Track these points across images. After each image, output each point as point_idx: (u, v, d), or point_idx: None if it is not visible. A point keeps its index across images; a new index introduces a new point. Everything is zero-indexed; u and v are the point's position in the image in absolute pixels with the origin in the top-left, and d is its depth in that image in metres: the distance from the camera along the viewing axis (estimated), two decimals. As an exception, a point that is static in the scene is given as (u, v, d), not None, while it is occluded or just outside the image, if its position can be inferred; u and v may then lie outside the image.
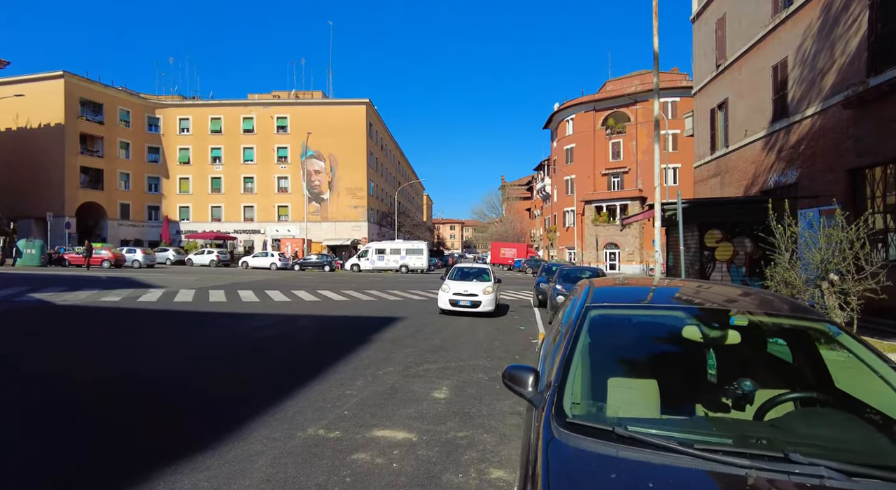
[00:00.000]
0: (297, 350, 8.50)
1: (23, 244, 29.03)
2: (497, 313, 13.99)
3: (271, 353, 8.17)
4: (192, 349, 8.26)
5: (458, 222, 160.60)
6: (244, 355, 7.88)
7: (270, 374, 6.71)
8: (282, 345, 8.90)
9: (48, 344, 8.41)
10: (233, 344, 8.81)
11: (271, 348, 8.53)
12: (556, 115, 57.50)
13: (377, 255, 39.47)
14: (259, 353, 8.05)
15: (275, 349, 8.47)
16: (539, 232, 73.57)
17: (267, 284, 22.13)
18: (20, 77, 46.04)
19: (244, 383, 6.22)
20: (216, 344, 8.77)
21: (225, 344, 8.78)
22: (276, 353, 8.14)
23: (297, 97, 55.87)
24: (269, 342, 9.06)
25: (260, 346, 8.70)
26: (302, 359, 7.76)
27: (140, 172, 52.47)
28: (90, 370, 6.69)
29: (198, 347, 8.41)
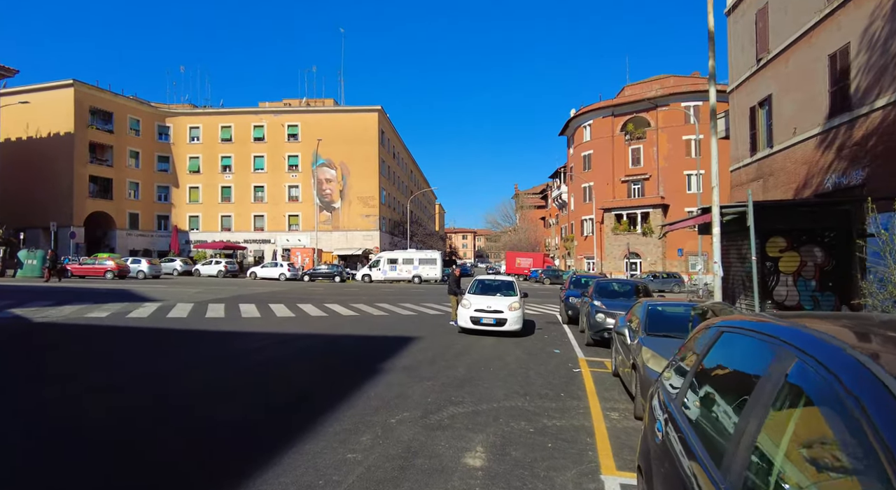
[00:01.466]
0: (290, 384, 6.99)
1: (24, 255, 28.07)
2: (524, 332, 12.38)
3: (257, 388, 6.67)
4: (156, 384, 6.79)
5: (470, 231, 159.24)
6: (220, 394, 6.39)
7: (247, 425, 5.18)
8: (272, 376, 7.40)
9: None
10: (212, 376, 7.33)
11: (258, 382, 7.03)
12: (573, 121, 55.96)
13: (389, 266, 38.04)
14: (241, 390, 6.56)
15: (262, 383, 6.98)
16: (555, 241, 71.72)
17: (272, 297, 20.75)
18: (30, 86, 45.74)
19: (204, 445, 4.69)
20: (192, 375, 7.30)
21: (202, 375, 7.30)
22: (263, 389, 6.64)
23: (309, 105, 55.03)
24: (257, 372, 7.57)
25: (244, 378, 7.21)
26: (293, 398, 6.24)
27: (149, 181, 51.80)
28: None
29: (166, 377, 6.95)
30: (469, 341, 11.09)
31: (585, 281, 17.09)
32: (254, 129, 53.29)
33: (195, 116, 53.94)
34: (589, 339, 11.12)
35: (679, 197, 46.59)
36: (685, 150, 46.90)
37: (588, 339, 11.17)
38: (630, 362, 6.23)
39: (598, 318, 10.78)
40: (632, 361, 6.15)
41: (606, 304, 11.06)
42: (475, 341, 11.13)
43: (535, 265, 52.47)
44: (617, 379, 7.89)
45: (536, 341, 11.56)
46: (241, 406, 5.81)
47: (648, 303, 7.07)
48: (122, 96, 49.24)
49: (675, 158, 47.22)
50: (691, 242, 44.65)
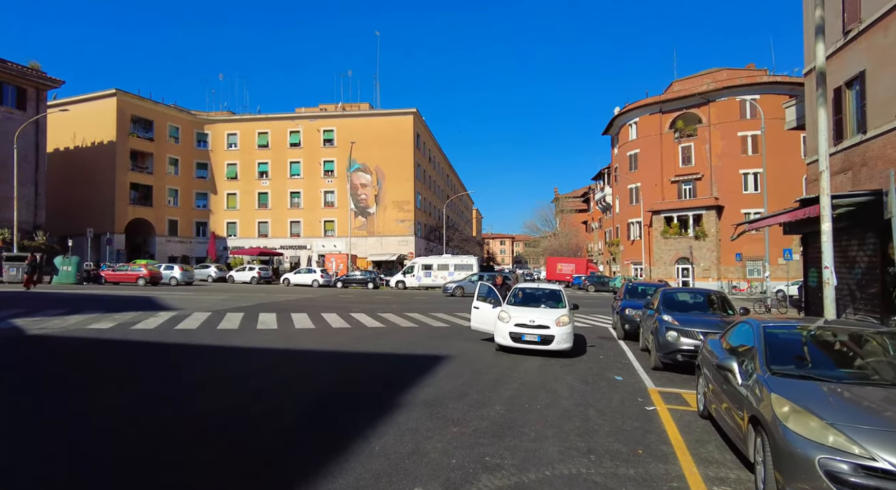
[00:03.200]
0: (275, 429, 5.35)
1: (59, 261, 28.02)
2: (575, 352, 10.41)
3: (228, 436, 5.05)
4: (76, 428, 5.27)
5: (508, 237, 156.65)
6: (174, 446, 4.80)
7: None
8: (258, 415, 5.79)
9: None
10: (180, 415, 5.78)
11: (236, 424, 5.43)
12: (618, 120, 53.17)
13: (424, 272, 36.48)
14: (202, 441, 4.95)
15: (240, 426, 5.37)
16: (598, 246, 68.65)
17: (298, 305, 19.45)
18: (76, 97, 46.94)
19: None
20: (157, 411, 5.77)
21: (170, 411, 5.77)
22: (233, 438, 5.01)
23: (344, 109, 54.45)
24: (239, 408, 5.98)
25: (218, 418, 5.61)
26: (266, 457, 4.58)
27: (188, 188, 52.28)
28: None
29: (112, 420, 5.44)
30: (508, 363, 9.24)
31: (643, 289, 14.92)
32: (290, 135, 53.08)
33: (233, 123, 54.24)
34: (657, 363, 9.08)
35: (734, 197, 43.17)
36: (741, 148, 43.46)
37: (655, 361, 9.12)
38: (745, 414, 4.27)
39: (669, 337, 8.73)
40: (748, 414, 4.19)
41: (679, 320, 9.00)
42: (516, 363, 9.27)
43: (577, 271, 49.82)
44: (708, 422, 5.90)
45: (591, 363, 9.59)
46: (187, 478, 4.19)
47: (765, 325, 5.02)
48: (163, 104, 49.93)
49: (730, 156, 43.82)
50: (750, 246, 41.16)
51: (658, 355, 8.97)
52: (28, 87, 38.22)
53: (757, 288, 40.90)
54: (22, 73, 37.74)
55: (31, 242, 33.33)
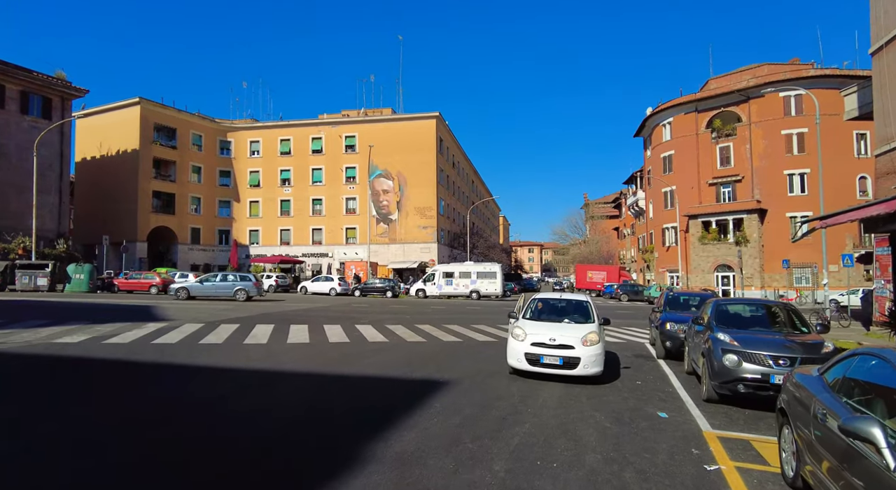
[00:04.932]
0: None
1: (72, 269, 27.54)
2: (606, 375, 8.57)
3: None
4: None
5: (536, 245, 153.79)
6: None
7: None
8: (148, 476, 4.23)
9: None
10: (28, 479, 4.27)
11: None
12: (650, 120, 50.67)
13: (445, 280, 34.83)
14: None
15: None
16: (631, 253, 65.79)
17: (303, 316, 18.07)
18: (101, 107, 47.38)
19: None
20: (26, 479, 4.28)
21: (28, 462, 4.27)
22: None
23: (366, 115, 53.59)
24: (121, 468, 4.43)
25: (83, 478, 4.08)
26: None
27: (211, 196, 52.14)
28: None
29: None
30: (522, 392, 7.48)
31: (685, 300, 12.92)
32: (312, 142, 52.50)
33: (255, 130, 54.03)
34: (710, 393, 7.18)
35: (778, 200, 40.17)
36: (785, 147, 40.46)
37: (708, 391, 7.22)
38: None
39: (727, 361, 6.83)
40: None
41: (739, 340, 7.09)
42: (532, 392, 7.51)
43: (609, 279, 47.33)
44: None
45: (626, 392, 7.75)
46: None
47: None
48: (186, 112, 49.99)
49: (773, 156, 40.85)
50: (798, 252, 38.14)
51: (712, 384, 7.07)
52: (53, 96, 38.50)
53: (807, 297, 37.77)
54: (48, 83, 38.04)
55: (52, 250, 33.20)
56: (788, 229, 39.67)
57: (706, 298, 11.65)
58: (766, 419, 6.45)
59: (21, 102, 36.65)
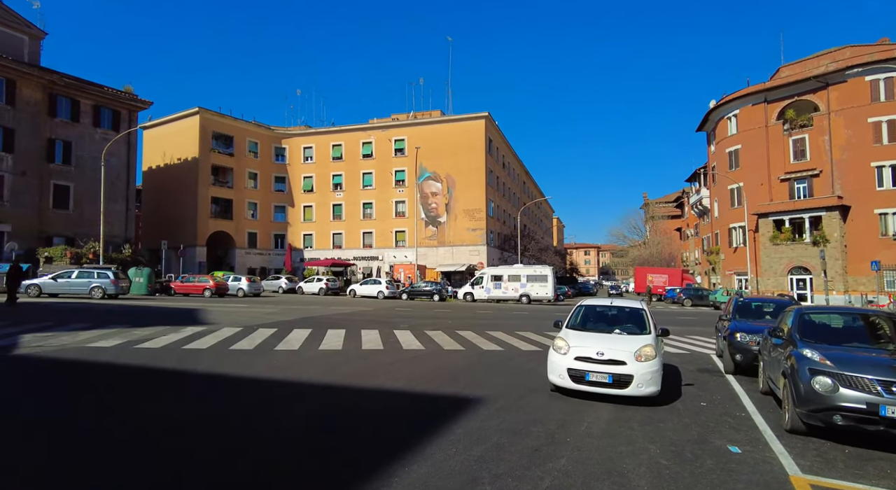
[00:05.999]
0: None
1: (133, 272, 28.66)
2: (664, 396, 7.37)
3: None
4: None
5: (593, 247, 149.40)
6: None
7: None
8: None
9: None
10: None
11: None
12: (713, 114, 47.53)
13: (493, 283, 33.79)
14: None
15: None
16: (694, 255, 62.14)
17: (343, 320, 17.66)
18: (164, 118, 49.81)
19: None
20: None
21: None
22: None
23: (415, 118, 53.45)
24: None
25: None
26: None
27: (267, 201, 53.60)
28: None
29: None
30: (563, 415, 6.46)
31: (758, 306, 11.37)
32: (362, 146, 52.93)
33: (308, 137, 55.13)
34: (795, 422, 5.89)
35: (865, 195, 36.38)
36: (873, 136, 36.59)
37: (793, 420, 5.92)
38: None
39: (817, 385, 5.54)
40: None
41: (833, 358, 5.77)
42: (574, 415, 6.47)
43: (671, 283, 44.61)
44: None
45: (687, 417, 6.55)
46: None
47: None
48: (242, 120, 51.67)
49: (858, 147, 37.06)
50: (888, 253, 34.39)
51: (798, 412, 5.78)
52: (122, 109, 40.66)
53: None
54: (117, 97, 40.22)
55: (119, 255, 34.92)
56: (877, 227, 35.83)
57: (784, 305, 10.12)
58: (876, 462, 5.13)
59: (94, 116, 38.92)
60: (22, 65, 34.90)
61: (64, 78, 36.95)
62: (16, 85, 34.41)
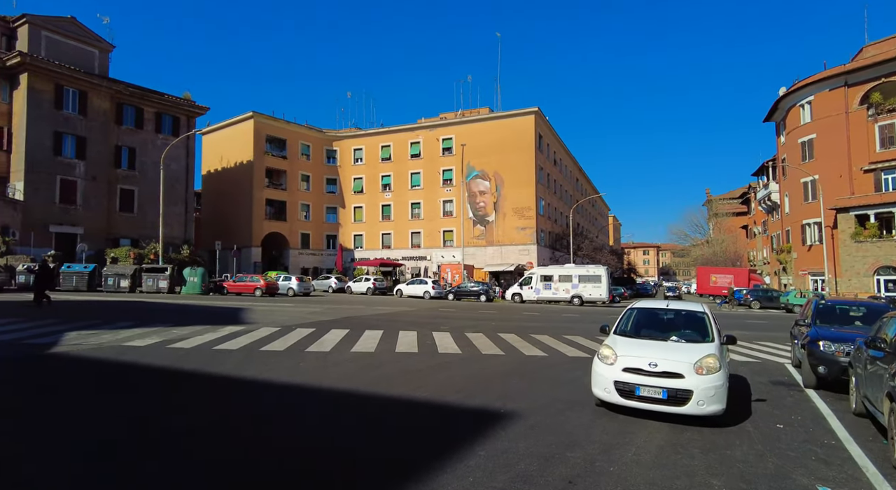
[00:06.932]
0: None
1: (188, 272, 29.63)
2: (730, 415, 6.26)
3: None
4: None
5: (652, 246, 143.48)
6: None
7: None
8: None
9: None
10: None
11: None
12: (784, 102, 43.98)
13: (543, 283, 32.54)
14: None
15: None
16: (762, 254, 58.02)
17: (384, 321, 17.21)
18: (221, 123, 51.68)
19: None
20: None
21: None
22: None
23: (463, 116, 52.79)
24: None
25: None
26: None
27: (319, 203, 54.55)
28: None
29: None
30: (607, 437, 5.53)
31: (843, 310, 9.86)
32: (410, 146, 52.89)
33: (358, 138, 55.70)
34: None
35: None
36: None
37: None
38: None
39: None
40: None
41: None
42: (621, 437, 5.53)
43: (737, 283, 41.60)
44: None
45: (761, 444, 5.46)
46: None
47: None
48: (294, 123, 52.85)
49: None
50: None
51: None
52: (181, 115, 42.46)
53: None
54: (176, 104, 42.02)
55: (178, 255, 36.33)
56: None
57: (880, 310, 8.64)
58: None
59: (156, 122, 40.84)
60: (93, 77, 37.02)
61: (129, 87, 38.92)
62: (87, 96, 36.53)
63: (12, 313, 15.02)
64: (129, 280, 28.12)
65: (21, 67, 33.50)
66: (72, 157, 35.29)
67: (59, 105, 34.95)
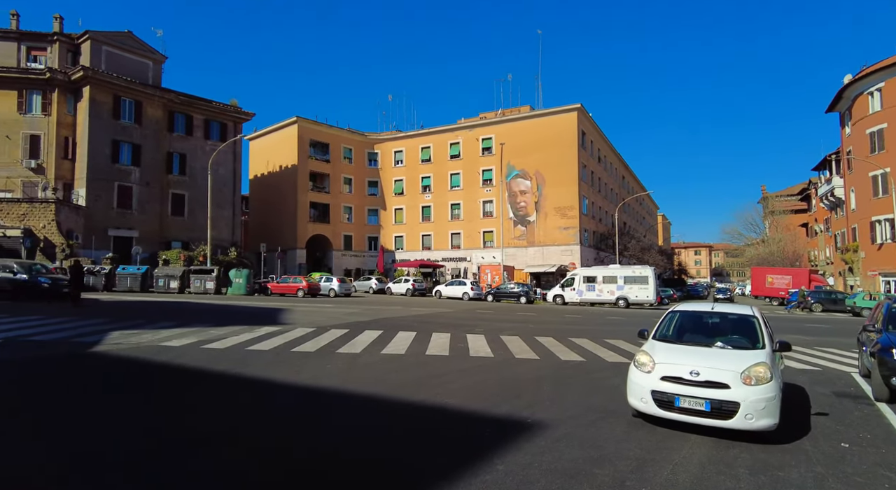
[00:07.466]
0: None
1: (233, 273, 30.49)
2: (784, 431, 5.62)
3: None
4: None
5: (704, 246, 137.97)
6: None
7: None
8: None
9: None
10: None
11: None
12: (849, 90, 41.07)
13: (586, 285, 31.58)
14: None
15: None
16: (825, 253, 54.47)
17: (417, 322, 17.02)
18: (267, 129, 53.19)
19: None
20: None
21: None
22: None
23: (503, 115, 52.19)
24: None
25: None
26: None
27: (361, 205, 55.25)
28: None
29: None
30: (642, 453, 5.04)
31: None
32: (450, 147, 52.78)
33: (398, 141, 56.07)
34: None
35: None
36: None
37: None
38: None
39: None
40: None
41: None
42: (657, 454, 5.03)
43: (796, 284, 39.10)
44: None
45: (821, 466, 4.83)
46: None
47: None
48: (336, 127, 53.75)
49: None
50: None
51: None
52: (228, 121, 43.96)
53: None
54: (224, 110, 43.54)
55: (225, 257, 37.54)
56: None
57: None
58: None
59: (204, 129, 42.45)
60: (147, 87, 38.85)
61: (179, 96, 40.60)
62: (142, 105, 38.35)
63: (68, 313, 15.73)
64: (178, 281, 29.22)
65: (84, 81, 35.52)
66: (128, 164, 37.11)
67: (117, 115, 36.83)
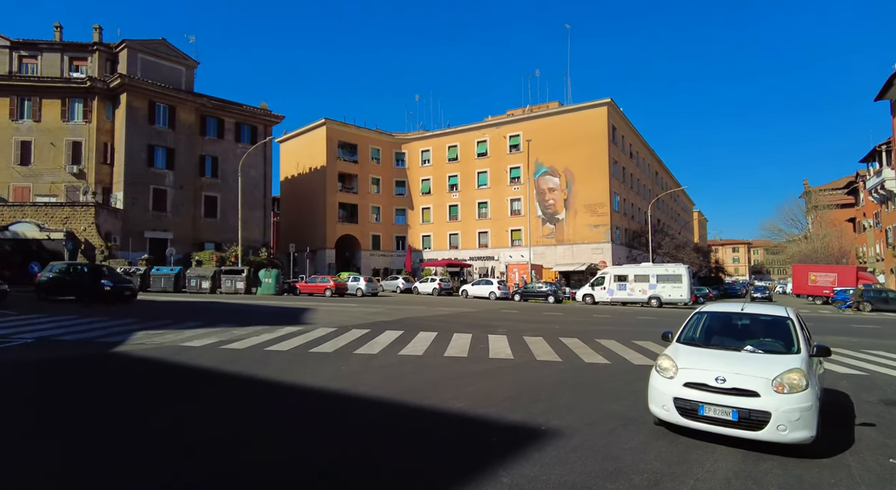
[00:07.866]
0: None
1: (263, 274, 30.96)
2: (823, 443, 5.13)
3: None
4: None
5: (742, 243, 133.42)
6: None
7: None
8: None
9: None
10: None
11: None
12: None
13: (617, 284, 30.74)
14: None
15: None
16: (874, 249, 51.70)
17: (439, 322, 16.81)
18: (296, 131, 53.99)
19: None
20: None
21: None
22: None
23: (531, 111, 51.47)
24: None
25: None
26: None
27: (389, 205, 55.48)
28: None
29: None
30: (661, 466, 4.67)
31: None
32: (477, 146, 52.44)
33: (425, 140, 56.04)
34: None
35: None
36: None
37: None
38: None
39: None
40: None
41: None
42: (678, 467, 4.65)
43: (842, 283, 37.17)
44: None
45: (867, 485, 4.37)
46: None
47: None
48: (364, 128, 54.11)
49: None
50: None
51: None
52: (258, 124, 44.76)
53: None
54: (254, 114, 44.35)
55: (256, 258, 38.21)
56: None
57: None
58: None
59: (235, 132, 43.32)
60: (180, 92, 39.87)
61: (211, 100, 41.54)
62: (176, 111, 39.39)
63: (99, 313, 16.16)
64: (209, 281, 29.86)
65: (121, 88, 36.72)
66: (162, 168, 38.18)
67: (152, 120, 37.93)
